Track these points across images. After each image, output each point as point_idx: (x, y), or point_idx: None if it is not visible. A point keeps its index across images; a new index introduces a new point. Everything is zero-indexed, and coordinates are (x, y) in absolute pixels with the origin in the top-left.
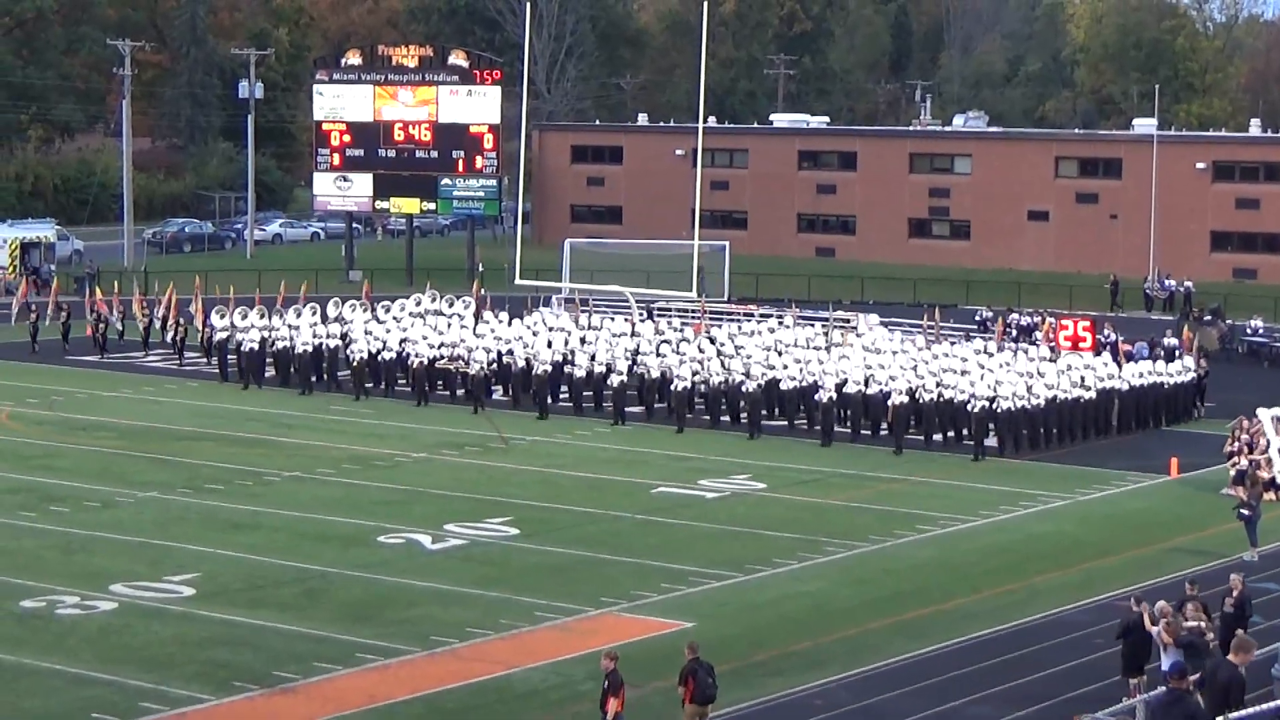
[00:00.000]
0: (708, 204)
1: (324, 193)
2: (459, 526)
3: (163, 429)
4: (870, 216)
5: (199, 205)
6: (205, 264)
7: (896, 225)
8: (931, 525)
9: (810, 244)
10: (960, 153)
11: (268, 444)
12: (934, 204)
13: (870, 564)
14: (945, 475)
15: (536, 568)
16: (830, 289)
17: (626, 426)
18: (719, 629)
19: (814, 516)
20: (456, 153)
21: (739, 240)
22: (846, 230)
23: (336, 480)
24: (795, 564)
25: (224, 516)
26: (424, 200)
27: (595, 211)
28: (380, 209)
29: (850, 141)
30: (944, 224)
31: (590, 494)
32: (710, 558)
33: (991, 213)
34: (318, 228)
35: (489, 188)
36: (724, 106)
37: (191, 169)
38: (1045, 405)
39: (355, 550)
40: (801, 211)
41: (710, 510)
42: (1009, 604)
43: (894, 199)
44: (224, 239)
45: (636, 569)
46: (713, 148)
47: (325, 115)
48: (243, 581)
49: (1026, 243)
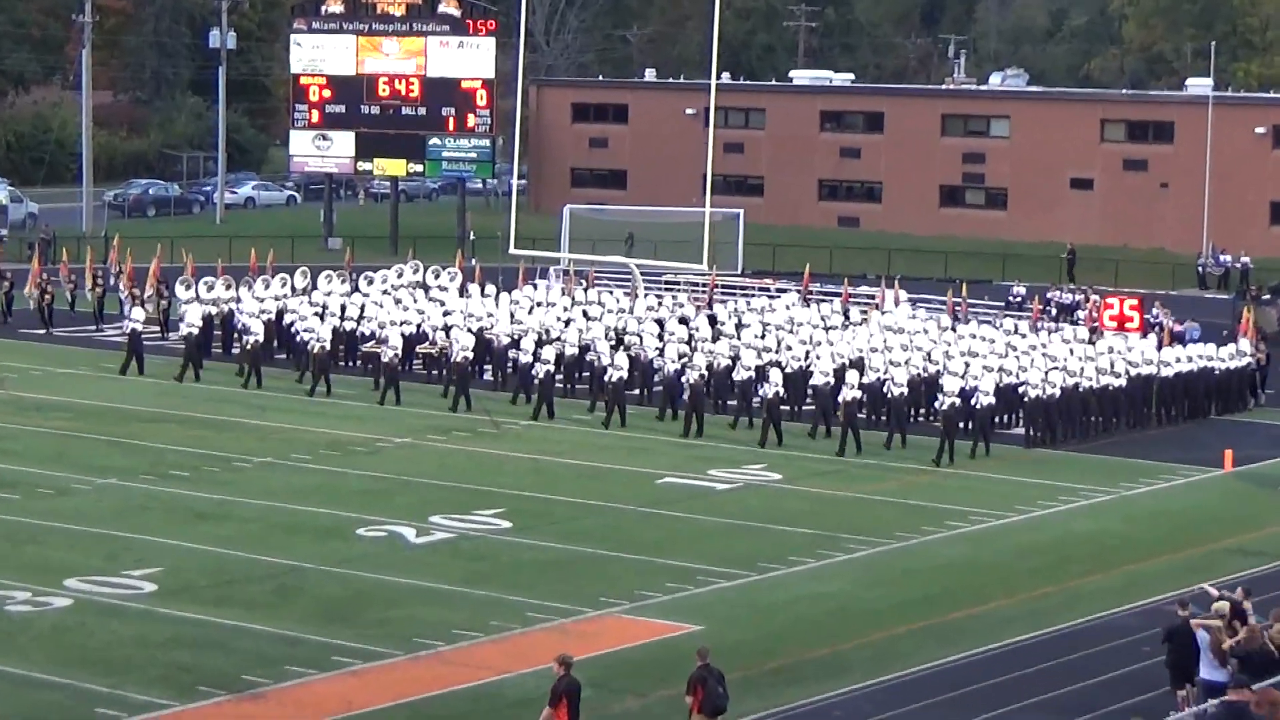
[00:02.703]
0: (720, 168)
1: (301, 153)
2: (445, 519)
3: (123, 409)
4: (898, 183)
5: (165, 165)
6: (171, 229)
7: (927, 193)
8: (962, 521)
9: (832, 213)
10: (997, 114)
11: (238, 427)
12: (968, 170)
13: (896, 563)
14: (978, 467)
15: (530, 564)
16: (853, 262)
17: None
18: (730, 632)
19: (834, 510)
20: (446, 110)
21: (754, 208)
22: (872, 198)
23: (313, 467)
24: (813, 562)
25: (189, 506)
26: (410, 161)
27: (597, 175)
28: (363, 171)
29: (877, 101)
30: (979, 192)
31: (589, 484)
32: (720, 555)
33: (1031, 180)
34: (294, 191)
35: (482, 148)
36: (739, 61)
37: (157, 126)
38: (1063, 393)
39: (332, 544)
40: (823, 177)
41: (721, 503)
42: (1047, 607)
43: (924, 164)
44: (192, 202)
45: (640, 566)
46: (726, 107)
47: (303, 68)
48: (209, 577)
49: (1068, 213)
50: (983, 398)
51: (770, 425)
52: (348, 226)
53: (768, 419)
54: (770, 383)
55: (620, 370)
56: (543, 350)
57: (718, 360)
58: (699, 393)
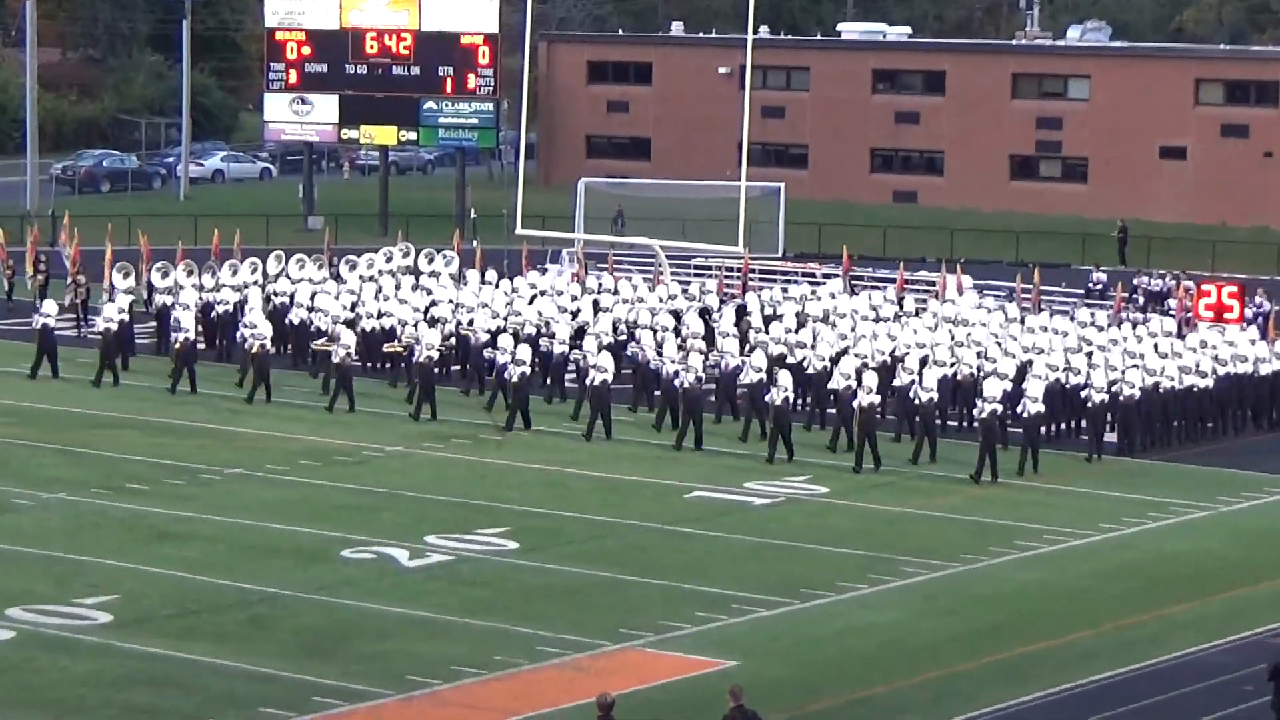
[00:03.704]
0: (758, 136)
1: (277, 119)
2: (443, 538)
3: (73, 413)
4: (962, 153)
5: (120, 134)
6: (127, 207)
7: (995, 164)
8: (1037, 541)
9: (886, 187)
10: (1076, 74)
11: (205, 433)
12: (1042, 137)
13: (960, 589)
14: (1055, 479)
15: (540, 591)
16: (911, 243)
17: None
18: (769, 669)
19: (889, 529)
20: (444, 69)
21: (797, 182)
22: (932, 170)
23: (290, 479)
24: (865, 588)
25: (149, 524)
26: (402, 129)
27: (617, 144)
28: (348, 140)
29: (937, 59)
30: (1054, 163)
31: (608, 498)
32: (759, 579)
33: (1114, 149)
34: (269, 163)
35: (484, 114)
36: (780, 13)
37: (111, 88)
38: (1143, 395)
39: (313, 567)
40: (876, 146)
41: (759, 520)
42: (1135, 640)
43: (992, 131)
44: (151, 176)
45: (666, 593)
46: (765, 65)
47: (279, 21)
48: (172, 605)
49: (1158, 187)
50: (1030, 404)
51: (778, 437)
52: (330, 203)
53: (775, 429)
54: (779, 387)
55: (604, 372)
56: (519, 349)
57: (726, 360)
58: (694, 398)
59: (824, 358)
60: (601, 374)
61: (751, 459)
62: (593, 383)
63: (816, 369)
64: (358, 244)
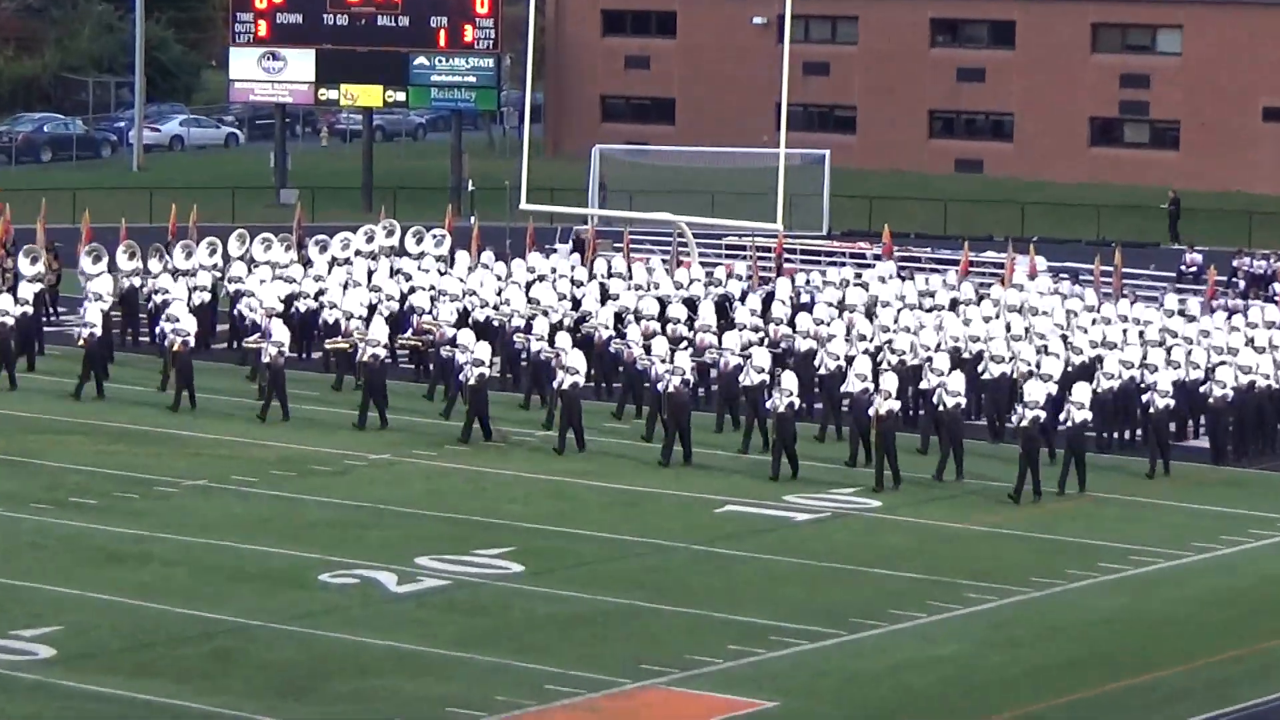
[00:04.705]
0: (800, 96)
1: (245, 77)
2: (436, 560)
3: (12, 417)
4: (1035, 115)
5: (64, 94)
6: (72, 178)
7: (1072, 128)
8: (1121, 563)
9: (948, 154)
10: (1166, 23)
11: (163, 439)
12: (1127, 97)
13: (1032, 618)
14: (1141, 490)
15: (548, 620)
16: (976, 219)
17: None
18: (813, 710)
19: (950, 548)
20: (436, 20)
21: (844, 148)
22: (1000, 135)
23: (260, 492)
24: (924, 617)
25: (98, 543)
26: (389, 88)
27: (636, 106)
28: (326, 101)
29: (1006, 7)
30: (1141, 127)
31: (626, 513)
32: (800, 607)
33: (1211, 110)
34: (235, 128)
35: (483, 71)
36: None
37: (54, 42)
38: (1237, 395)
39: (287, 594)
40: (935, 108)
41: (801, 538)
42: (1235, 677)
43: (1069, 90)
44: (100, 143)
45: (693, 623)
46: (807, 15)
47: None
48: (124, 638)
49: (1262, 153)
50: (1075, 411)
51: (781, 450)
52: (306, 175)
53: (777, 441)
54: (782, 390)
55: (575, 374)
56: (478, 347)
57: (725, 360)
58: (680, 404)
59: (838, 356)
60: (572, 375)
61: (788, 468)
62: (560, 385)
63: (830, 369)
64: (338, 222)
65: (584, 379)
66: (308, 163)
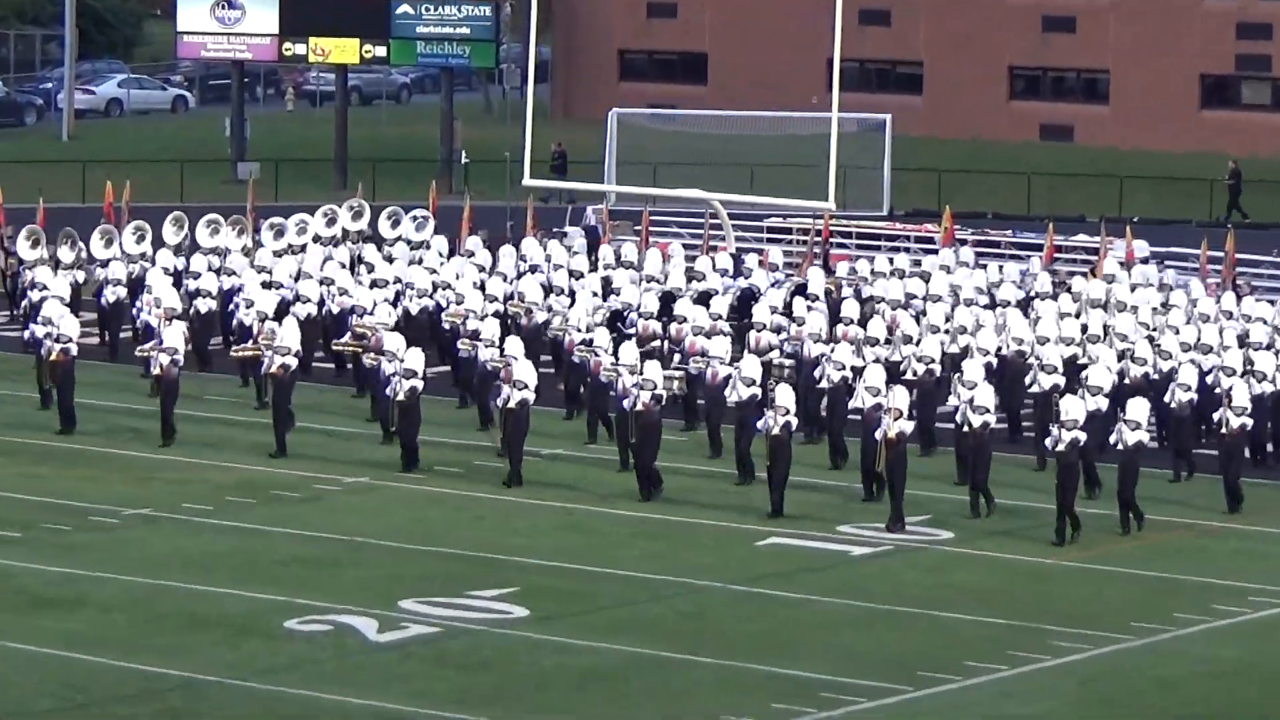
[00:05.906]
0: (854, 51)
1: (195, 29)
2: (424, 603)
3: None
4: (1133, 73)
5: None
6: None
7: (1180, 88)
8: (1239, 604)
9: (1031, 118)
10: None
11: (100, 459)
12: (1244, 50)
13: (1132, 671)
14: (1261, 518)
15: (558, 674)
16: (1065, 196)
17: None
18: None
19: (1036, 588)
20: None
21: (908, 113)
22: (1093, 96)
23: (216, 523)
24: (1005, 669)
25: (21, 584)
26: (367, 42)
27: (660, 62)
28: (291, 57)
29: None
30: (1261, 86)
31: (651, 547)
32: (859, 658)
33: None
34: (184, 90)
35: (478, 21)
36: None
37: None
38: None
39: (247, 644)
40: (1016, 64)
41: (858, 576)
42: None
43: (1174, 42)
44: (24, 106)
45: (731, 676)
46: None
47: None
48: (53, 697)
49: None
50: (1128, 434)
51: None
52: (269, 145)
53: (771, 468)
54: (777, 409)
55: (524, 389)
56: (408, 356)
57: (714, 369)
58: (649, 425)
59: (842, 365)
60: (520, 391)
61: (844, 491)
62: (506, 402)
63: (834, 381)
64: (305, 200)
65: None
66: (271, 130)
